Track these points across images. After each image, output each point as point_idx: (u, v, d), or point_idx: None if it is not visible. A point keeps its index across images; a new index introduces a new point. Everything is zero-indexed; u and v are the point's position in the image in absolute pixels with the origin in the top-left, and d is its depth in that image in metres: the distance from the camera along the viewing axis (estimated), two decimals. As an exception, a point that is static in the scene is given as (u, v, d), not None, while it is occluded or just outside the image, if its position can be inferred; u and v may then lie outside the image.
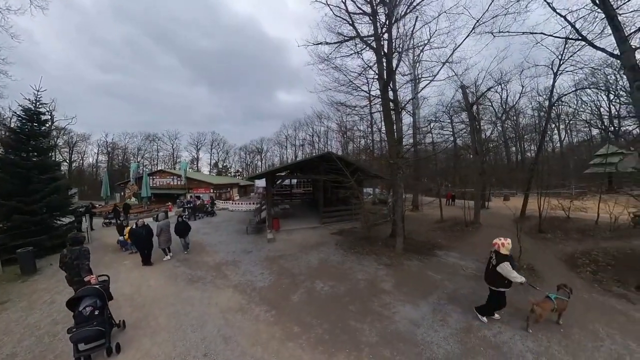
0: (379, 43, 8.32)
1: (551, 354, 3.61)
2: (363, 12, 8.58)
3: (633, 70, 5.75)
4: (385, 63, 8.29)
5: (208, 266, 7.34)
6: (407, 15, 8.00)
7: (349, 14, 8.21)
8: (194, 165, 62.41)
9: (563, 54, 11.66)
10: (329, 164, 10.12)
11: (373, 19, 8.43)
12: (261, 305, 5.05)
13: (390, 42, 8.19)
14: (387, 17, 7.95)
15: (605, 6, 5.87)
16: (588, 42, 6.81)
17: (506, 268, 4.06)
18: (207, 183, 26.89)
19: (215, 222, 14.66)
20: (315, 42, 8.88)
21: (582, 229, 10.06)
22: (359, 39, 8.44)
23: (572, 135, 32.99)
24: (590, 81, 17.28)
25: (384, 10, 8.21)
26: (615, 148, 19.83)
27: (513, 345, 3.79)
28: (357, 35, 8.40)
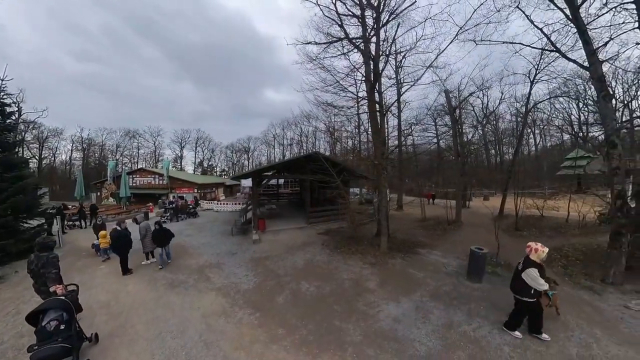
0: (366, 45, 8.41)
1: (526, 345, 3.80)
2: (352, 14, 8.64)
3: (600, 81, 6.26)
4: (373, 65, 8.40)
5: (190, 269, 7.11)
6: (394, 19, 8.15)
7: (339, 15, 8.24)
8: (178, 164, 60.17)
9: (539, 64, 12.54)
10: (316, 164, 10.11)
11: (362, 21, 8.52)
12: (245, 308, 4.96)
13: (377, 45, 8.29)
14: (375, 20, 8.07)
15: (577, 21, 6.33)
16: (561, 53, 7.30)
17: (533, 274, 3.72)
18: (191, 182, 26.10)
19: (199, 223, 14.24)
20: (304, 42, 8.84)
21: (554, 226, 10.73)
22: (347, 41, 8.50)
23: (545, 140, 35.99)
24: (562, 90, 18.78)
25: (372, 13, 8.31)
26: (583, 152, 21.50)
27: (491, 339, 3.95)
28: (345, 37, 8.45)
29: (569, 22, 6.86)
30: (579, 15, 6.32)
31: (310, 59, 8.96)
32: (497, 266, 6.81)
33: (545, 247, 3.92)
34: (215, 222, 14.48)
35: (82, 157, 48.67)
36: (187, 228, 12.83)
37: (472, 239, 9.57)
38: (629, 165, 7.10)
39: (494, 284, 5.90)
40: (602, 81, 6.29)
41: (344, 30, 8.36)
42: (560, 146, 32.54)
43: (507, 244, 8.44)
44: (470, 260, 6.26)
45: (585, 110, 25.46)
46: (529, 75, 13.34)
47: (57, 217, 10.44)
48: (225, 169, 65.66)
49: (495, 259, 7.11)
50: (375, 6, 8.04)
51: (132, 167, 49.91)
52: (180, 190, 25.15)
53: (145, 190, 25.53)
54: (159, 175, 26.06)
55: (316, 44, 8.79)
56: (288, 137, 58.82)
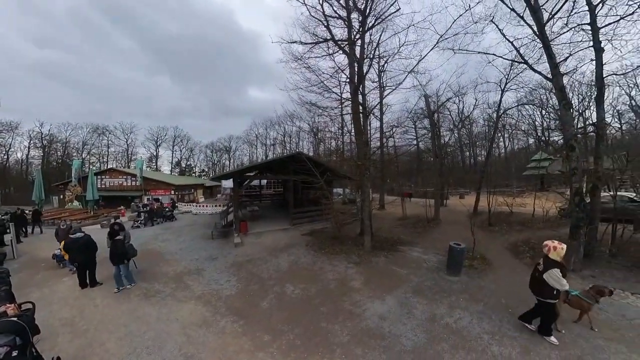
0: (351, 48, 8.51)
1: (503, 332, 4.08)
2: (338, 16, 8.70)
3: (561, 92, 6.96)
4: (357, 68, 8.51)
5: (167, 277, 6.69)
6: (379, 24, 8.33)
7: (325, 16, 8.26)
8: (153, 164, 56.67)
9: (509, 74, 13.62)
10: (299, 164, 10.03)
11: (348, 23, 8.61)
12: (228, 315, 4.76)
13: (362, 48, 8.41)
14: (361, 24, 8.18)
15: (542, 37, 6.95)
16: (529, 65, 7.98)
17: (556, 275, 3.57)
18: (168, 184, 24.78)
19: (176, 227, 13.52)
20: (289, 41, 8.74)
21: (522, 221, 11.55)
22: (333, 42, 8.54)
23: (514, 143, 39.66)
24: (528, 99, 20.91)
25: (358, 17, 8.42)
26: (546, 154, 23.77)
27: (471, 329, 4.19)
28: (331, 38, 8.49)
29: (535, 38, 7.52)
30: (545, 32, 6.96)
31: (295, 58, 8.91)
32: (473, 259, 7.20)
33: (563, 244, 3.73)
34: (194, 226, 13.84)
35: (41, 156, 43.79)
36: (164, 232, 12.14)
37: (450, 235, 10.03)
38: (584, 166, 7.80)
39: (471, 277, 6.27)
40: (563, 92, 6.98)
41: (330, 31, 8.40)
42: (526, 149, 35.70)
43: (481, 239, 8.96)
44: (449, 255, 6.56)
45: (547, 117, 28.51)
46: (500, 84, 14.47)
47: (11, 225, 9.36)
48: (204, 170, 63.14)
49: (471, 253, 7.51)
50: (361, 10, 8.17)
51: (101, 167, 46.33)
52: (155, 192, 23.77)
53: (116, 193, 23.81)
54: (131, 176, 24.40)
55: (302, 43, 8.74)
56: (271, 137, 57.94)
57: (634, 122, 25.23)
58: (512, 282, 5.99)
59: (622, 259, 6.52)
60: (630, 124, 25.82)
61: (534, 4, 6.94)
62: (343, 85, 10.47)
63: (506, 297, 5.25)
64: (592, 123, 8.11)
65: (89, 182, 17.11)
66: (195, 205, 20.64)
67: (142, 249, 9.15)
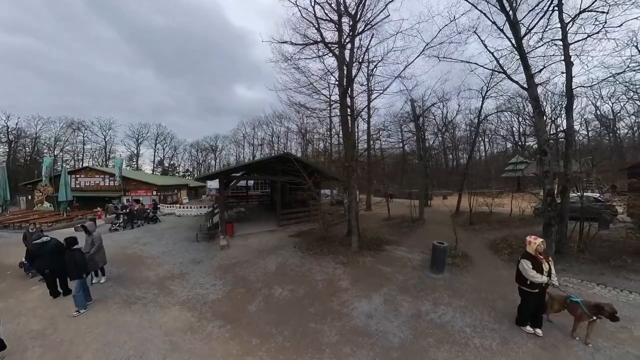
0: (341, 51, 8.64)
1: (484, 325, 4.33)
2: (329, 19, 8.79)
3: (535, 100, 7.55)
4: (346, 71, 8.63)
5: (149, 282, 6.40)
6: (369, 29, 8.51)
7: (316, 19, 8.32)
8: (133, 163, 53.81)
9: (489, 83, 14.62)
10: (287, 165, 10.00)
11: (338, 27, 8.74)
12: (214, 320, 4.64)
13: (352, 52, 8.56)
14: (351, 28, 8.31)
15: (520, 49, 7.52)
16: (507, 75, 8.55)
17: (523, 265, 3.90)
18: (149, 184, 23.69)
19: (158, 230, 13.00)
20: (280, 40, 8.74)
21: (501, 220, 12.17)
22: (323, 44, 8.61)
23: (493, 147, 42.00)
24: (507, 106, 22.33)
25: (349, 21, 8.54)
26: (522, 158, 25.29)
27: (455, 324, 4.38)
28: (321, 40, 8.57)
29: (514, 50, 8.06)
30: (522, 45, 7.52)
31: (285, 58, 8.92)
32: (456, 257, 7.50)
33: (538, 239, 3.95)
34: (177, 228, 13.37)
35: (7, 152, 39.80)
36: (144, 235, 11.63)
37: (433, 234, 10.38)
38: (556, 169, 8.39)
39: (454, 274, 6.55)
40: (537, 100, 7.56)
41: (321, 33, 8.49)
42: (505, 153, 37.90)
43: (463, 237, 9.34)
44: (432, 253, 6.80)
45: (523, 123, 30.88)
46: (481, 91, 15.40)
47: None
48: (189, 169, 61.08)
49: (454, 251, 7.82)
50: (352, 15, 8.32)
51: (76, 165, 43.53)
52: (135, 192, 22.70)
53: (93, 193, 22.48)
54: (109, 175, 23.11)
55: (292, 44, 8.76)
56: (259, 137, 56.81)
57: (599, 129, 27.96)
58: (491, 277, 6.35)
59: (589, 254, 7.07)
60: (595, 132, 28.58)
61: (512, 18, 7.44)
62: (332, 87, 10.58)
63: (486, 291, 5.54)
64: (563, 130, 8.74)
65: (62, 181, 16.02)
66: (179, 206, 19.93)
67: (121, 253, 8.75)
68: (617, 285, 5.60)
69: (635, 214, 7.74)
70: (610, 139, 27.06)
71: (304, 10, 8.26)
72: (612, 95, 25.58)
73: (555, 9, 7.35)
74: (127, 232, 12.61)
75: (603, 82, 8.55)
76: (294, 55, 8.93)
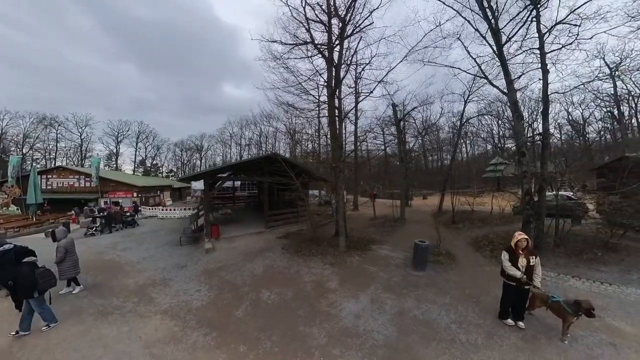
0: (330, 52, 8.66)
1: (469, 319, 4.49)
2: (319, 21, 8.79)
3: (514, 105, 8.00)
4: (335, 72, 8.65)
5: (128, 290, 6.01)
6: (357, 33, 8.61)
7: (307, 19, 8.32)
8: (112, 162, 51.03)
9: (471, 87, 15.31)
10: (275, 166, 9.87)
11: (328, 28, 8.74)
12: (199, 328, 4.44)
13: (341, 53, 8.60)
14: (341, 30, 8.35)
15: (500, 57, 7.98)
16: (488, 80, 9.03)
17: (502, 256, 4.23)
18: (130, 185, 22.61)
19: (138, 234, 12.40)
20: (270, 39, 8.64)
21: (482, 218, 12.64)
22: (313, 45, 8.59)
23: (474, 149, 44.25)
24: (487, 110, 23.63)
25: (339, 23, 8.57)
26: (501, 159, 27.23)
27: (439, 320, 4.49)
28: (311, 41, 8.55)
29: (495, 57, 8.54)
30: (502, 52, 7.99)
31: (274, 57, 8.82)
32: (439, 255, 7.69)
33: (522, 235, 4.14)
34: (159, 232, 12.83)
35: None
36: (124, 240, 11.04)
37: (415, 233, 10.62)
38: (533, 170, 8.85)
39: (437, 271, 6.72)
40: (516, 105, 7.98)
41: (311, 34, 8.49)
42: (485, 154, 39.97)
43: (446, 236, 9.61)
44: (414, 252, 6.96)
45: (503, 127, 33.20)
46: (464, 95, 16.13)
47: None
48: (173, 170, 58.97)
49: (437, 249, 8.02)
50: (341, 17, 8.35)
51: (47, 164, 40.75)
52: (114, 194, 21.59)
53: (66, 195, 21.12)
54: (85, 175, 21.82)
55: (282, 43, 8.68)
56: (246, 137, 55.90)
57: (571, 133, 30.61)
58: (474, 273, 6.56)
59: (564, 249, 7.49)
60: (568, 135, 31.34)
61: (494, 26, 7.83)
62: (321, 88, 10.58)
63: (470, 287, 5.71)
64: (539, 133, 9.27)
65: (31, 182, 14.88)
66: (161, 209, 19.13)
67: (98, 259, 8.25)
68: (589, 277, 5.98)
69: (604, 211, 8.27)
70: (581, 142, 29.43)
71: (295, 10, 8.24)
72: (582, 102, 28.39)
73: (533, 19, 7.86)
74: (105, 236, 11.93)
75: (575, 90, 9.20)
76: (283, 55, 8.89)
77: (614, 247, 7.20)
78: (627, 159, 8.97)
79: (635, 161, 8.37)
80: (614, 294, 5.23)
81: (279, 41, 8.62)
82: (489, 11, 7.81)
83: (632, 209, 7.02)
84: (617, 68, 23.78)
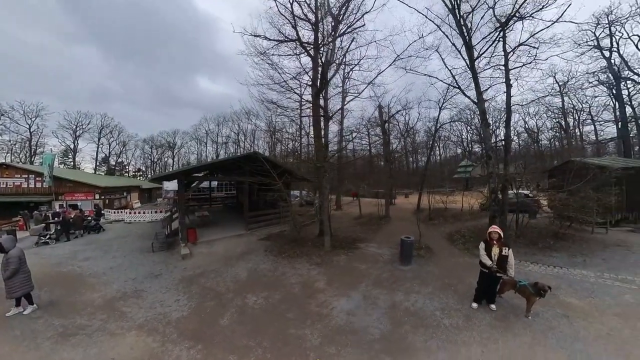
0: (316, 52, 8.59)
1: (450, 305, 4.90)
2: (307, 20, 8.67)
3: (483, 114, 9.03)
4: (321, 72, 8.64)
5: (93, 306, 5.36)
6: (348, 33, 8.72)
7: (294, 17, 8.13)
8: (69, 159, 45.35)
9: (446, 96, 16.60)
10: (256, 165, 9.61)
11: (315, 28, 8.65)
12: (181, 342, 4.13)
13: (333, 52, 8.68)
14: (333, 29, 8.37)
15: (472, 70, 8.96)
16: (461, 90, 10.06)
17: (479, 246, 4.75)
18: (90, 185, 20.42)
19: (103, 241, 11.29)
20: (253, 34, 8.32)
21: (454, 215, 13.60)
22: (299, 43, 8.47)
23: (446, 152, 48.44)
24: (458, 117, 25.88)
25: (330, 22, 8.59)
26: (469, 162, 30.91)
27: (426, 309, 4.86)
28: (297, 39, 8.40)
29: (467, 70, 9.51)
30: (474, 66, 8.99)
31: (258, 52, 8.55)
32: (420, 249, 8.14)
33: (495, 228, 4.72)
34: (127, 237, 11.82)
35: None
36: (85, 249, 9.98)
37: (399, 230, 11.07)
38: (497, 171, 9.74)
39: (420, 265, 7.16)
40: (484, 114, 8.95)
41: (297, 32, 8.34)
42: (456, 157, 43.79)
43: (424, 232, 10.13)
44: (401, 247, 7.32)
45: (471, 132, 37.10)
46: (439, 103, 17.46)
47: None
48: (141, 169, 54.57)
49: (418, 244, 8.47)
50: (335, 16, 8.37)
51: (-16, 162, 35.22)
52: (72, 196, 19.38)
53: (12, 198, 18.48)
54: (35, 174, 19.24)
55: (266, 39, 8.44)
56: (223, 135, 53.29)
57: (527, 140, 35.40)
58: (451, 265, 7.12)
59: (523, 239, 8.38)
60: (524, 142, 36.04)
61: (469, 42, 8.79)
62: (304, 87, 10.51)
63: (448, 277, 6.22)
64: (502, 139, 10.27)
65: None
66: (129, 212, 17.61)
67: (54, 272, 7.35)
68: (545, 262, 6.86)
69: (555, 207, 9.37)
70: (535, 148, 34.02)
71: (282, 6, 8.08)
72: (536, 113, 32.98)
73: (500, 39, 8.95)
74: (62, 245, 10.68)
75: (532, 103, 10.31)
76: (268, 50, 8.64)
77: (563, 236, 8.27)
78: (572, 162, 10.32)
79: (579, 165, 9.63)
80: (565, 275, 6.05)
81: (263, 36, 8.39)
82: (464, 28, 8.63)
83: (577, 204, 8.08)
84: (565, 86, 27.94)
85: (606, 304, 4.68)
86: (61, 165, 42.29)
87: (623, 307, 4.54)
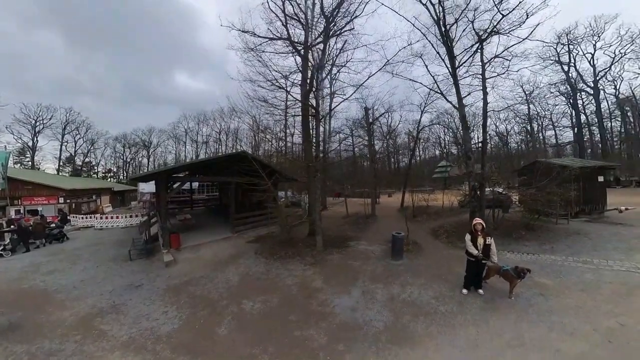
0: (307, 51, 8.51)
1: (443, 294, 5.25)
2: (298, 19, 8.55)
3: (463, 118, 9.95)
4: (311, 72, 8.58)
5: (64, 327, 4.71)
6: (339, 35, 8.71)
7: (285, 15, 7.98)
8: (27, 158, 40.30)
9: (427, 100, 17.66)
10: (243, 165, 9.31)
11: (306, 27, 8.55)
12: (177, 358, 3.78)
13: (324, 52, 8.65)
14: (325, 30, 8.32)
15: (454, 77, 9.74)
16: (443, 95, 10.95)
17: (465, 238, 5.12)
18: (53, 188, 18.37)
19: (70, 250, 10.21)
20: (242, 29, 8.00)
21: (436, 212, 14.32)
22: (290, 42, 8.34)
23: (426, 153, 50.97)
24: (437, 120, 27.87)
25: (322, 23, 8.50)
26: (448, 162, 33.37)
27: (422, 298, 5.15)
28: (287, 38, 8.27)
29: (449, 76, 10.28)
30: (456, 74, 9.75)
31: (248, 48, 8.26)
32: (408, 245, 8.44)
33: (478, 220, 5.19)
34: (99, 245, 10.83)
35: None
36: (49, 260, 8.94)
37: (386, 227, 11.41)
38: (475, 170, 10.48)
39: (410, 259, 7.49)
40: (464, 118, 9.70)
41: (288, 31, 8.23)
42: (434, 158, 46.62)
43: (410, 228, 10.54)
44: (392, 243, 7.59)
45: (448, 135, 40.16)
46: (420, 107, 18.46)
47: None
48: (112, 169, 50.14)
49: (406, 240, 8.77)
50: (327, 17, 8.35)
51: None
52: (31, 200, 17.30)
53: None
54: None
55: (256, 35, 8.16)
56: (204, 133, 50.62)
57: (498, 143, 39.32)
58: (438, 257, 7.59)
59: (499, 231, 9.03)
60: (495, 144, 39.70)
61: (451, 51, 9.49)
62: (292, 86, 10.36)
63: (437, 268, 6.64)
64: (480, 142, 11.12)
65: None
66: (100, 217, 16.11)
67: (12, 289, 6.48)
68: (519, 250, 7.59)
69: (525, 201, 10.30)
70: (505, 150, 38.23)
71: (272, 3, 7.90)
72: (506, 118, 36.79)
73: (478, 51, 9.80)
74: (19, 257, 9.51)
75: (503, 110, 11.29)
76: (257, 47, 8.36)
77: (532, 227, 9.14)
78: (539, 162, 11.46)
79: (545, 164, 10.70)
80: (537, 260, 6.75)
81: (252, 32, 8.14)
82: (447, 38, 9.14)
83: (543, 199, 9.02)
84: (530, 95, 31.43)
85: (572, 282, 5.37)
86: (17, 165, 37.56)
87: (585, 284, 5.26)
